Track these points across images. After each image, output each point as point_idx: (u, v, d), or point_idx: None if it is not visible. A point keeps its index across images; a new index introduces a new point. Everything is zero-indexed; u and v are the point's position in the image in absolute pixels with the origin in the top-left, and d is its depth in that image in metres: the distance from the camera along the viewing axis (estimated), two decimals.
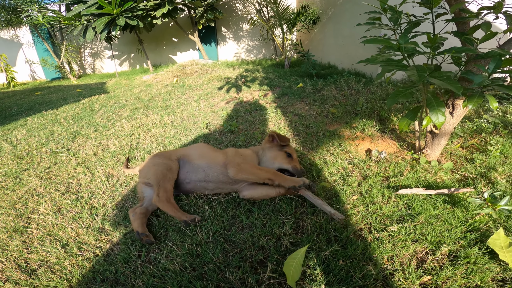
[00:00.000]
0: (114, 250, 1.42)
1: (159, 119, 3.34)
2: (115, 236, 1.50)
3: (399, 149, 2.23)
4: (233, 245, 1.37)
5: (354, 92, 3.69)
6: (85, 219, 1.65)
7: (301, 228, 1.44)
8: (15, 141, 3.11)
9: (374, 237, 1.36)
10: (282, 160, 1.77)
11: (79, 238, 1.51)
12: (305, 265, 1.22)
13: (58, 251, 1.43)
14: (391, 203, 1.57)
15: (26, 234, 1.58)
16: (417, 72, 1.40)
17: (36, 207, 1.81)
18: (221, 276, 1.21)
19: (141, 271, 1.27)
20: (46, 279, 1.27)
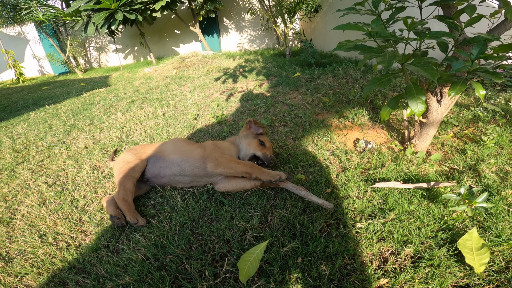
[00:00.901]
0: (86, 240, 1.46)
1: (152, 111, 3.37)
2: (89, 226, 1.54)
3: (389, 139, 2.16)
4: (199, 237, 1.38)
5: (351, 80, 3.59)
6: (66, 210, 1.70)
7: (268, 222, 1.43)
8: (16, 135, 3.22)
9: (340, 234, 1.32)
10: (256, 147, 1.82)
11: (56, 228, 1.56)
12: (263, 261, 1.21)
13: (35, 240, 1.48)
14: (366, 197, 1.53)
15: (10, 225, 1.65)
16: (387, 58, 1.34)
17: (23, 199, 1.87)
18: (181, 268, 1.22)
19: (106, 260, 1.30)
20: (19, 267, 1.33)
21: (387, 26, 1.59)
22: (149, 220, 1.53)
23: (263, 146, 1.83)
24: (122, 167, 1.71)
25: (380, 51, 1.51)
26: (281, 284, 1.12)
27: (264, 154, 1.80)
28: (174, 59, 6.77)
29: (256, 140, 1.85)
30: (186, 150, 1.77)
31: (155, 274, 1.19)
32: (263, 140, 1.86)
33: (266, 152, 1.81)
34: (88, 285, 1.20)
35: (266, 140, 1.88)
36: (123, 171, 1.68)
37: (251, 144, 1.84)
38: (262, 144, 1.84)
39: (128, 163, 1.74)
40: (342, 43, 1.56)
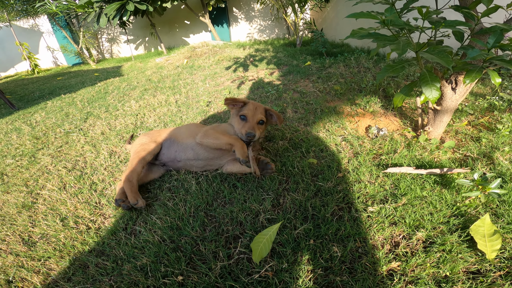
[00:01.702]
0: (105, 223, 1.52)
1: (165, 99, 3.42)
2: (108, 210, 1.61)
3: (401, 127, 2.14)
4: (213, 219, 1.43)
5: (363, 69, 3.53)
6: (85, 194, 1.77)
7: (280, 205, 1.45)
8: (34, 123, 3.34)
9: (352, 218, 1.34)
10: (236, 125, 1.76)
11: (76, 212, 1.63)
12: (276, 242, 1.24)
13: (57, 224, 1.55)
14: (377, 182, 1.53)
15: (33, 209, 1.72)
16: (401, 45, 1.34)
17: (45, 183, 1.96)
18: (195, 249, 1.27)
19: (124, 243, 1.35)
20: (42, 251, 1.39)
21: (401, 15, 1.57)
22: (164, 203, 1.59)
23: (244, 122, 1.73)
24: (136, 149, 1.76)
25: (394, 39, 1.52)
26: (293, 264, 1.15)
27: (240, 130, 1.71)
28: (184, 49, 6.78)
29: (237, 118, 1.77)
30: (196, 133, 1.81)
31: (171, 255, 1.23)
32: (245, 114, 1.73)
33: (244, 128, 1.69)
34: (108, 267, 1.25)
35: (248, 110, 1.75)
36: (136, 153, 1.74)
37: (234, 123, 1.79)
38: (244, 118, 1.74)
39: (142, 145, 1.78)
40: (355, 30, 1.57)
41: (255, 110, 1.76)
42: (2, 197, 1.88)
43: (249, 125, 1.69)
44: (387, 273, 1.10)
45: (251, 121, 1.71)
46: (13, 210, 1.73)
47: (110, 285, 1.16)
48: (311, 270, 1.12)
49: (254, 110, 1.75)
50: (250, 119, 1.72)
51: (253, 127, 1.68)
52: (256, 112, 1.75)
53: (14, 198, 1.84)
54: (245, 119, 1.72)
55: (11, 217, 1.66)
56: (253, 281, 1.10)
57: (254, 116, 1.73)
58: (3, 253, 1.41)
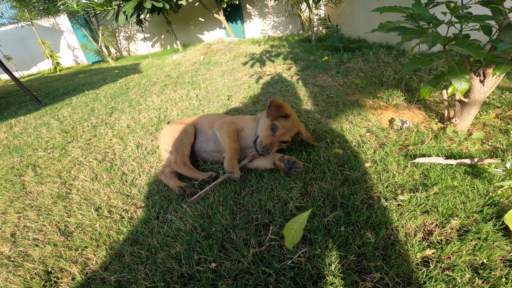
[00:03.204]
0: (137, 212, 1.58)
1: (185, 94, 3.49)
2: (139, 199, 1.67)
3: (426, 119, 2.11)
4: (242, 208, 1.46)
5: (382, 64, 3.48)
6: (117, 184, 1.85)
7: (308, 194, 1.47)
8: (62, 117, 3.48)
9: (382, 206, 1.35)
10: (263, 131, 1.68)
11: (110, 202, 1.70)
12: (306, 230, 1.27)
13: (92, 214, 1.61)
14: (406, 172, 1.53)
15: (67, 199, 1.79)
16: (431, 38, 1.34)
17: (77, 174, 2.05)
18: (226, 237, 1.31)
19: (157, 231, 1.40)
20: (79, 240, 1.44)
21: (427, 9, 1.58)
22: (193, 192, 1.63)
23: (271, 133, 1.65)
24: (174, 137, 1.77)
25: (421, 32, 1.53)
26: (325, 250, 1.17)
27: (260, 141, 1.63)
28: (200, 45, 6.86)
29: (269, 124, 1.67)
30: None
31: (203, 243, 1.27)
32: (277, 125, 1.65)
33: (267, 141, 1.62)
34: (142, 256, 1.28)
35: (283, 126, 1.67)
36: (176, 139, 1.75)
37: (263, 126, 1.71)
38: (273, 128, 1.66)
39: (178, 130, 1.80)
40: (383, 24, 1.60)
41: (288, 130, 1.69)
42: (36, 188, 1.98)
43: (271, 140, 1.63)
44: (422, 260, 1.10)
45: (276, 138, 1.65)
46: (48, 200, 1.80)
47: (145, 273, 1.19)
48: (343, 256, 1.14)
49: (287, 130, 1.68)
50: (278, 135, 1.65)
51: (273, 144, 1.63)
52: (288, 132, 1.69)
53: (48, 189, 1.93)
54: (273, 131, 1.66)
55: (47, 208, 1.74)
56: (285, 267, 1.13)
57: (283, 134, 1.67)
58: (41, 243, 1.46)
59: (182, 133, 1.78)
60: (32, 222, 1.63)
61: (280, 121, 1.68)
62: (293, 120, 1.71)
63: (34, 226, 1.59)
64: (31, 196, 1.91)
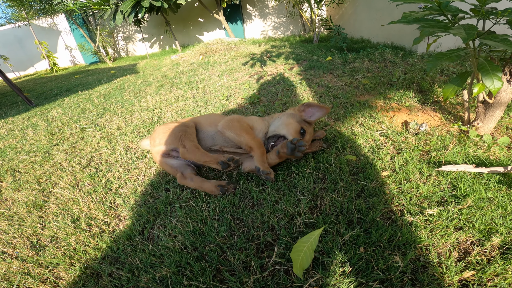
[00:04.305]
0: (120, 226, 1.37)
1: (181, 94, 3.29)
2: (123, 210, 1.46)
3: (443, 122, 1.91)
4: (241, 223, 1.25)
5: (390, 64, 3.29)
6: (99, 192, 1.64)
7: (319, 207, 1.26)
8: (51, 118, 3.28)
9: (407, 222, 1.15)
10: (292, 130, 1.54)
11: (90, 213, 1.49)
12: (318, 251, 1.06)
13: (68, 226, 1.41)
14: (430, 182, 1.32)
15: (44, 209, 1.60)
16: (465, 30, 1.17)
17: (57, 181, 1.84)
18: (222, 258, 1.10)
19: (141, 249, 1.20)
20: (50, 256, 1.25)
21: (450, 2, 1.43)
22: (185, 203, 1.43)
23: (299, 135, 1.55)
24: (173, 131, 1.55)
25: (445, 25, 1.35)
26: (342, 276, 0.96)
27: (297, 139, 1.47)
28: (199, 45, 6.68)
29: (298, 126, 1.56)
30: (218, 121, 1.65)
31: (195, 266, 1.07)
32: (306, 129, 1.57)
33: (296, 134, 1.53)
34: (122, 278, 1.09)
35: (309, 132, 1.60)
36: (177, 131, 1.53)
37: (289, 125, 1.56)
38: (302, 133, 1.56)
39: (176, 125, 1.59)
40: (407, 13, 1.47)
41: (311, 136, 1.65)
42: (12, 195, 1.77)
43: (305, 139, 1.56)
44: (460, 284, 0.91)
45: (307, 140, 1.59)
46: (23, 209, 1.61)
47: None
48: (364, 283, 0.93)
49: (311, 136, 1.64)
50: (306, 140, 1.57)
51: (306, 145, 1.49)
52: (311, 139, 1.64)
53: (25, 197, 1.73)
54: (302, 135, 1.56)
55: (20, 217, 1.54)
56: None
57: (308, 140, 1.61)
58: (8, 257, 1.27)
59: (182, 126, 1.58)
60: (3, 233, 1.44)
61: (307, 126, 1.61)
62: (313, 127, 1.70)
63: (4, 237, 1.40)
64: (6, 204, 1.71)
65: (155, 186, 1.60)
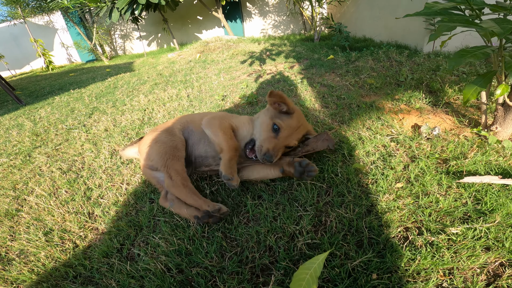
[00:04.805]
0: (96, 241, 1.21)
1: (176, 93, 3.12)
2: (101, 223, 1.30)
3: (457, 126, 1.75)
4: (233, 243, 1.09)
5: (395, 63, 3.12)
6: (77, 202, 1.47)
7: (323, 225, 1.10)
8: (38, 118, 3.11)
9: (426, 242, 0.98)
10: (263, 131, 1.31)
11: (64, 224, 1.33)
12: (322, 278, 0.89)
13: (39, 239, 1.26)
14: (451, 195, 1.16)
15: (16, 218, 1.45)
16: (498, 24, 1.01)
17: (34, 187, 1.68)
18: (211, 284, 0.93)
19: (118, 269, 1.04)
20: (16, 272, 1.10)
21: None
22: (170, 218, 1.26)
23: (273, 134, 1.28)
24: (159, 148, 1.35)
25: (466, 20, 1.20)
26: None
27: (259, 146, 1.27)
28: (197, 43, 6.51)
29: (270, 123, 1.30)
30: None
31: None
32: (279, 125, 1.28)
33: (269, 145, 1.24)
34: None
35: (287, 126, 1.29)
36: (163, 151, 1.32)
37: (262, 125, 1.33)
38: (276, 130, 1.29)
39: (165, 142, 1.37)
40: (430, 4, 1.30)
41: (294, 131, 1.31)
42: None
43: (274, 144, 1.25)
44: None
45: (280, 141, 1.27)
46: None
47: None
48: None
49: (293, 130, 1.31)
50: (282, 137, 1.28)
51: (278, 149, 1.25)
52: (294, 133, 1.31)
53: None
54: (276, 132, 1.29)
55: None
56: None
57: (288, 136, 1.30)
58: None
59: (171, 146, 1.35)
60: None
61: (283, 119, 1.31)
62: (299, 118, 1.34)
63: None
64: None
65: (139, 196, 1.43)
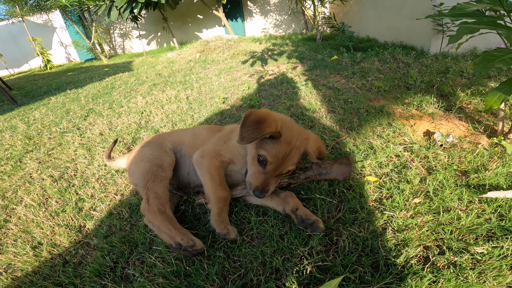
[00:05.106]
0: (87, 258, 1.11)
1: (174, 95, 3.02)
2: (93, 238, 1.20)
3: (471, 133, 1.65)
4: (236, 264, 0.99)
5: (402, 65, 3.02)
6: (68, 214, 1.37)
7: (335, 245, 1.00)
8: (32, 120, 3.01)
9: (449, 262, 0.89)
10: (250, 165, 1.13)
11: (54, 238, 1.23)
12: None
13: (27, 253, 1.17)
14: (473, 211, 1.06)
15: (3, 230, 1.35)
16: None
17: (23, 196, 1.58)
18: None
19: None
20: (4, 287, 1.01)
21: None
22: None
23: (260, 167, 1.08)
24: (143, 167, 1.21)
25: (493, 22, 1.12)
26: None
27: (248, 183, 1.10)
28: (197, 42, 6.40)
29: (255, 153, 1.09)
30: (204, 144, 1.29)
31: None
32: (264, 156, 1.05)
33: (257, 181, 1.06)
34: None
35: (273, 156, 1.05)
36: (146, 171, 1.18)
37: (249, 156, 1.15)
38: (261, 161, 1.07)
39: (150, 160, 1.23)
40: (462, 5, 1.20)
41: (286, 157, 1.06)
42: None
43: (263, 179, 1.06)
44: None
45: (269, 174, 1.07)
46: None
47: None
48: None
49: (283, 157, 1.06)
50: (270, 170, 1.06)
51: (267, 184, 1.06)
52: (287, 160, 1.07)
53: None
54: (263, 165, 1.08)
55: None
56: None
57: (278, 167, 1.07)
58: None
59: (155, 165, 1.21)
60: None
61: (268, 147, 1.05)
62: (288, 140, 1.06)
63: None
64: None
65: (133, 208, 1.33)
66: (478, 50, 3.39)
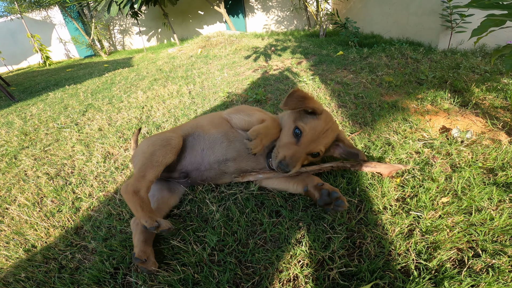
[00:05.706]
0: (85, 263, 1.02)
1: (176, 89, 2.92)
2: (91, 241, 1.10)
3: (489, 129, 1.56)
4: (249, 270, 0.89)
5: (411, 60, 2.93)
6: (64, 213, 1.28)
7: (358, 248, 0.91)
8: (29, 116, 2.92)
9: (486, 265, 0.80)
10: (282, 136, 1.13)
11: (48, 240, 1.14)
12: None
13: (20, 257, 1.07)
14: (505, 211, 0.97)
15: None
16: None
17: (17, 195, 1.48)
18: None
19: None
20: None
21: None
22: (172, 240, 1.07)
23: (294, 140, 1.09)
24: (146, 149, 1.14)
25: None
26: None
27: (275, 152, 1.09)
28: (198, 38, 6.30)
29: (292, 125, 1.12)
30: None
31: None
32: (302, 128, 1.09)
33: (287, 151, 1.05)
34: None
35: (311, 128, 1.09)
36: (148, 153, 1.12)
37: (283, 128, 1.17)
38: (297, 134, 1.09)
39: (156, 142, 1.17)
40: None
41: (321, 134, 1.10)
42: None
43: (293, 151, 1.05)
44: None
45: (301, 147, 1.07)
46: None
47: None
48: None
49: (319, 134, 1.09)
50: (304, 143, 1.08)
51: (297, 157, 1.05)
52: (320, 138, 1.10)
53: None
54: (297, 137, 1.09)
55: None
56: None
57: (312, 141, 1.09)
58: None
59: (160, 145, 1.15)
60: None
61: (307, 121, 1.10)
62: (327, 120, 1.12)
63: None
64: None
65: None
66: (487, 47, 3.29)
